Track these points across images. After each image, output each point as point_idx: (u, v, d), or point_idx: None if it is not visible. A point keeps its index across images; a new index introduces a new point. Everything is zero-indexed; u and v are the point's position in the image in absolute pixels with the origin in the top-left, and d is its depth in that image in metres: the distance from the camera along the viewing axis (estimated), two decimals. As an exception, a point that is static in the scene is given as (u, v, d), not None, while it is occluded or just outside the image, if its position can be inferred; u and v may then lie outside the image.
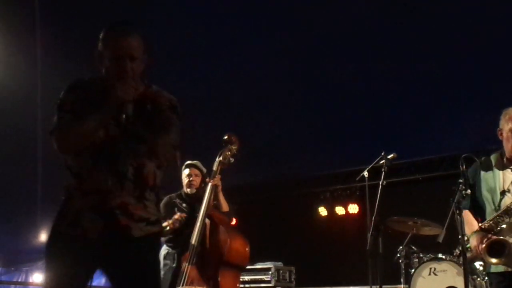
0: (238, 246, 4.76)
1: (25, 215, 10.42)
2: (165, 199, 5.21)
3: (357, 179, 5.51)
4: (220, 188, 4.85)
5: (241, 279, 7.57)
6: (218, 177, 4.78)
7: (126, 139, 2.58)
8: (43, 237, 11.24)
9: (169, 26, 6.47)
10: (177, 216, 4.98)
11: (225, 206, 4.97)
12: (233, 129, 5.04)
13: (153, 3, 6.30)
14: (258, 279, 7.62)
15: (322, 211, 10.27)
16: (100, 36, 2.63)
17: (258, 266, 7.71)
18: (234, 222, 5.25)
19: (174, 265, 5.12)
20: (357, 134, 8.66)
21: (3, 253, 13.44)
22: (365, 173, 5.19)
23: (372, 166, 5.13)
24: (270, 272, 7.56)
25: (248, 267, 7.75)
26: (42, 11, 5.31)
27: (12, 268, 14.78)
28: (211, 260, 4.64)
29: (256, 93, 7.66)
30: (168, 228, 4.90)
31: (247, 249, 4.84)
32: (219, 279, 4.52)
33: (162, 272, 4.77)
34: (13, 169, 8.85)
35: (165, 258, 5.20)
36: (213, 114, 7.46)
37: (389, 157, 4.90)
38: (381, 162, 4.89)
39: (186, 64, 7.10)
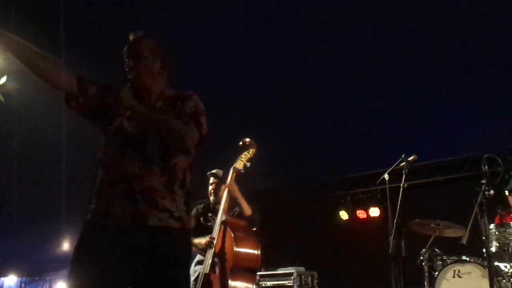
0: (246, 249, 4.73)
1: (48, 225, 10.54)
2: (193, 210, 5.22)
3: (377, 182, 5.48)
4: (235, 192, 4.84)
5: (263, 285, 7.61)
6: (231, 181, 4.78)
7: (155, 130, 2.61)
8: (66, 246, 11.35)
9: (186, 29, 6.53)
10: (206, 241, 4.82)
11: (247, 210, 4.95)
12: (253, 133, 5.05)
13: (174, 14, 6.39)
14: (280, 284, 7.59)
15: (343, 215, 10.23)
16: None
17: (280, 271, 7.69)
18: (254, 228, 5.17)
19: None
20: (377, 137, 8.62)
21: (27, 262, 13.58)
22: (386, 176, 5.15)
23: (392, 169, 5.10)
24: (292, 277, 7.52)
25: (270, 272, 7.77)
26: (67, 29, 5.42)
27: (36, 278, 14.93)
28: (224, 266, 4.63)
29: (276, 97, 7.67)
30: (203, 246, 4.84)
31: (257, 251, 4.81)
32: (232, 284, 4.51)
33: (192, 278, 4.77)
34: (37, 179, 8.98)
35: (196, 264, 5.18)
36: (231, 118, 7.48)
37: (409, 159, 4.88)
38: (402, 164, 4.86)
39: (203, 68, 7.12)
